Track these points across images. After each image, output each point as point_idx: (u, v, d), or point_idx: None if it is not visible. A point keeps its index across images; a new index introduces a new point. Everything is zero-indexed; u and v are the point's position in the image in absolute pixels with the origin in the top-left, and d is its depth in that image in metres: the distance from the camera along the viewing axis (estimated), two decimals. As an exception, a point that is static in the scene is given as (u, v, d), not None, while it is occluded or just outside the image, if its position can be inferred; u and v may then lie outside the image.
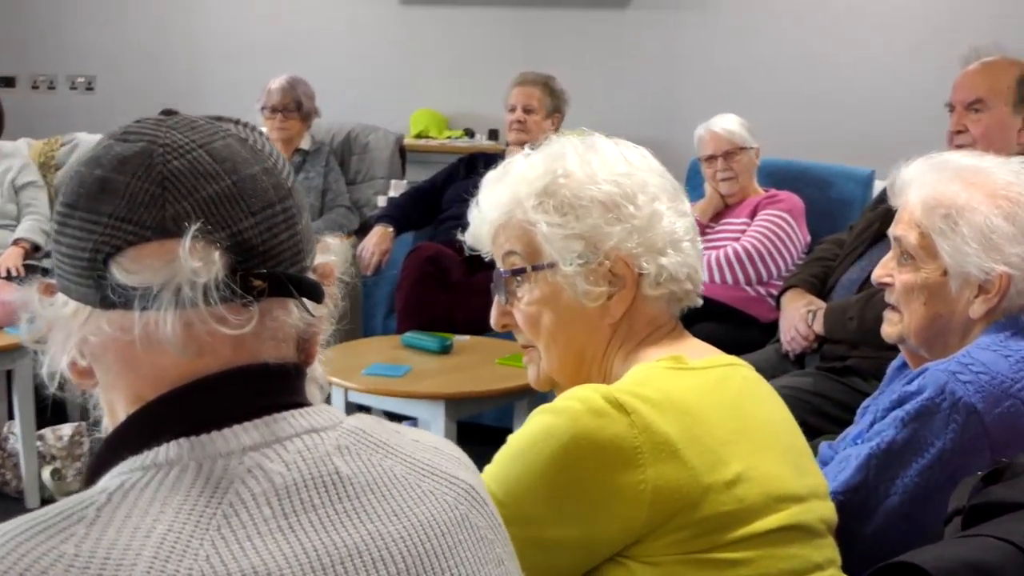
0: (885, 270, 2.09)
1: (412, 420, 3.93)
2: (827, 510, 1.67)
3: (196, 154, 1.02)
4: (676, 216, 1.69)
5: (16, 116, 5.80)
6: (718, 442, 1.51)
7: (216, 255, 0.99)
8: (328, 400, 3.96)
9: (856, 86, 5.73)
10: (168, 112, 1.09)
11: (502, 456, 1.53)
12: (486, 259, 1.80)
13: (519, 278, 1.71)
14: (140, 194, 1.00)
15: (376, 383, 3.77)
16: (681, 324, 1.74)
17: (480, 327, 4.28)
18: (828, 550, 1.64)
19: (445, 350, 4.10)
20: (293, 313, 1.06)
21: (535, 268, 1.68)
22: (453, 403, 3.73)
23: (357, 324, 5.25)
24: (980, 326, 1.97)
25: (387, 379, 3.80)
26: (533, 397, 3.92)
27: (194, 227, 0.99)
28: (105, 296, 1.00)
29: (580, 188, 1.65)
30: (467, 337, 4.26)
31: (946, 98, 3.68)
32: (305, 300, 1.06)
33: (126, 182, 1.01)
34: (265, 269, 1.03)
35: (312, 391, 1.12)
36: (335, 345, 4.28)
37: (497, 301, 1.77)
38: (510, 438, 1.55)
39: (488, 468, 1.53)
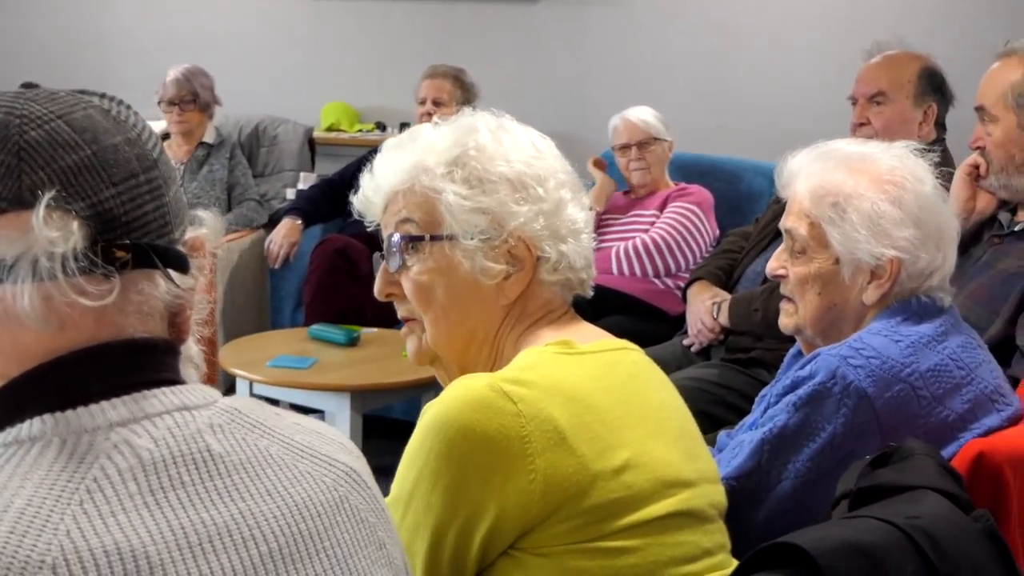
0: (779, 262, 2.11)
1: (319, 413, 3.90)
2: (717, 494, 1.67)
3: (54, 124, 1.00)
4: (578, 208, 1.68)
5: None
6: (607, 428, 1.50)
7: (74, 225, 0.97)
8: (232, 391, 3.93)
9: (762, 81, 5.78)
10: (29, 85, 1.06)
11: (402, 460, 1.51)
12: (368, 228, 1.76)
13: (413, 246, 1.66)
14: None
15: (282, 375, 3.75)
16: (573, 310, 1.73)
17: (389, 320, 4.25)
18: (718, 535, 1.63)
19: (352, 342, 4.08)
20: (160, 286, 1.04)
21: (433, 238, 1.64)
22: (359, 395, 3.71)
23: (265, 317, 5.20)
24: (873, 312, 1.99)
25: (293, 371, 3.78)
26: (441, 390, 3.90)
27: (48, 196, 0.96)
28: None
29: (491, 163, 1.63)
30: (375, 330, 4.23)
31: (847, 89, 3.72)
32: (172, 272, 1.04)
33: None
34: (128, 240, 1.00)
35: (188, 370, 1.10)
36: (241, 337, 4.30)
37: (384, 268, 1.71)
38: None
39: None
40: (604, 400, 1.52)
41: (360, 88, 6.37)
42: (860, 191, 1.96)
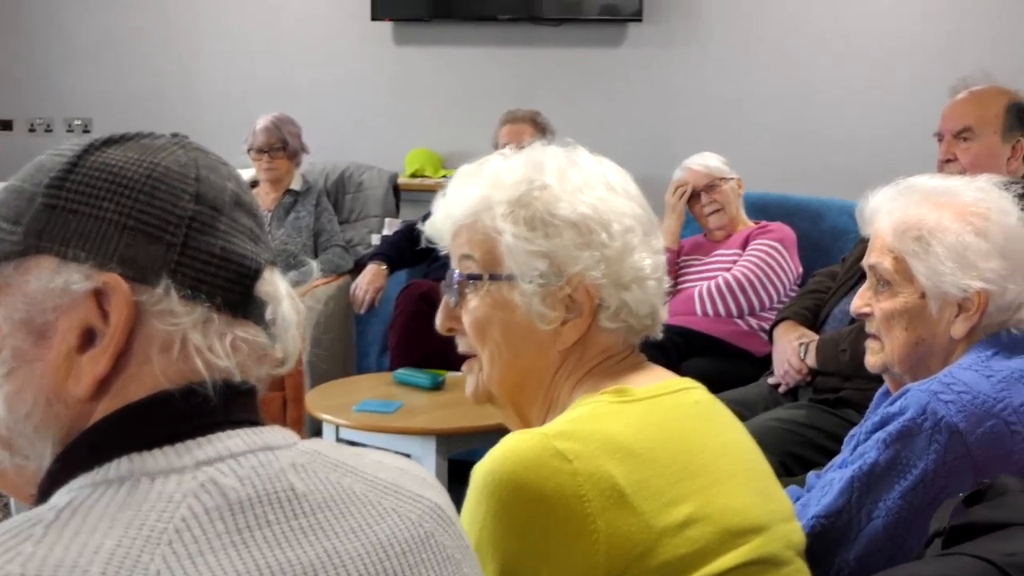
0: (863, 300, 2.08)
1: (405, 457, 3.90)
2: (794, 534, 1.61)
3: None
4: (648, 252, 1.61)
5: (13, 159, 5.78)
6: (668, 482, 1.43)
7: None
8: (319, 435, 3.96)
9: (844, 118, 5.75)
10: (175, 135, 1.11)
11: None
12: (441, 253, 1.72)
13: (472, 283, 1.62)
14: None
15: (367, 419, 3.76)
16: (638, 352, 1.66)
17: (474, 363, 4.27)
18: None
19: (437, 386, 4.09)
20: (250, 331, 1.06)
21: (492, 277, 1.59)
22: (444, 439, 3.71)
23: (351, 362, 5.24)
24: (962, 347, 1.96)
25: (378, 415, 3.79)
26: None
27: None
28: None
29: (555, 204, 1.57)
30: (460, 373, 4.22)
31: (931, 126, 3.68)
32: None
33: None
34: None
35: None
36: (327, 382, 4.33)
37: (445, 302, 1.69)
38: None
39: None
40: (663, 451, 1.46)
41: (443, 134, 6.43)
42: (944, 224, 1.93)
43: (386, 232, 5.60)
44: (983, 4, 5.56)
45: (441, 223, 1.68)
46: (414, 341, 4.72)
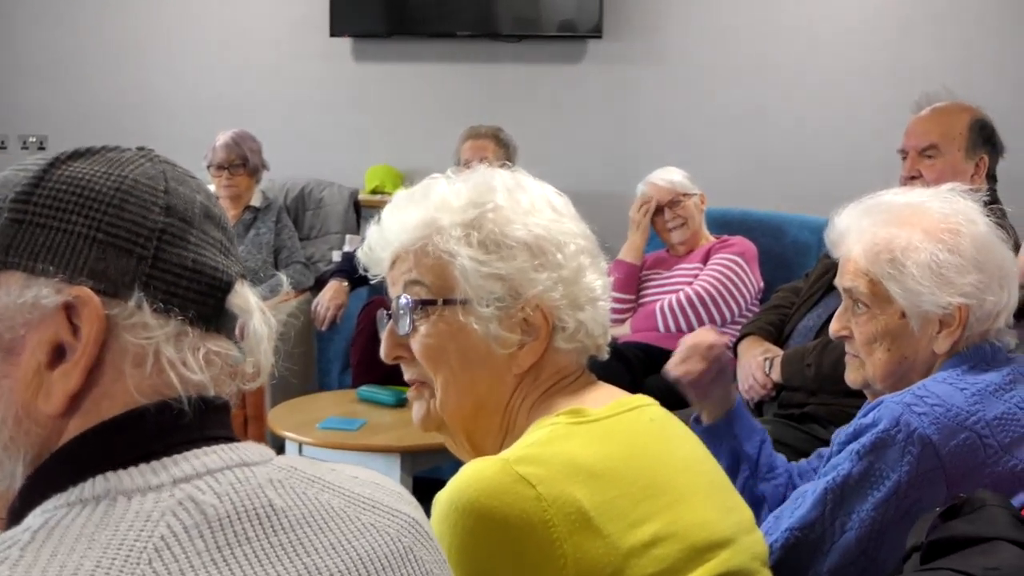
0: (840, 323, 2.07)
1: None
2: (757, 544, 1.60)
3: None
4: (597, 274, 1.60)
5: (-34, 175, 5.74)
6: (632, 502, 1.41)
7: None
8: (282, 454, 3.93)
9: (804, 135, 5.79)
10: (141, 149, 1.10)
11: None
12: (372, 281, 1.69)
13: (423, 309, 1.57)
14: None
15: (331, 437, 3.74)
16: (588, 372, 1.64)
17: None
18: None
19: (401, 403, 4.06)
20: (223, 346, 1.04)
21: (446, 302, 1.55)
22: (409, 456, 3.70)
23: (312, 379, 5.20)
24: (941, 361, 1.96)
25: (342, 432, 3.78)
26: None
27: None
28: None
29: (508, 226, 1.54)
30: (422, 391, 4.23)
31: (892, 142, 3.70)
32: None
33: None
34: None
35: None
36: (289, 400, 4.29)
37: (390, 331, 1.62)
38: None
39: None
40: (626, 470, 1.44)
41: (403, 150, 6.42)
42: (916, 243, 1.93)
43: (347, 248, 5.57)
44: (943, 22, 5.61)
45: (379, 250, 1.63)
46: (376, 358, 4.63)
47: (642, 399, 1.61)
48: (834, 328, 2.09)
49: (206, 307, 1.02)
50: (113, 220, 0.99)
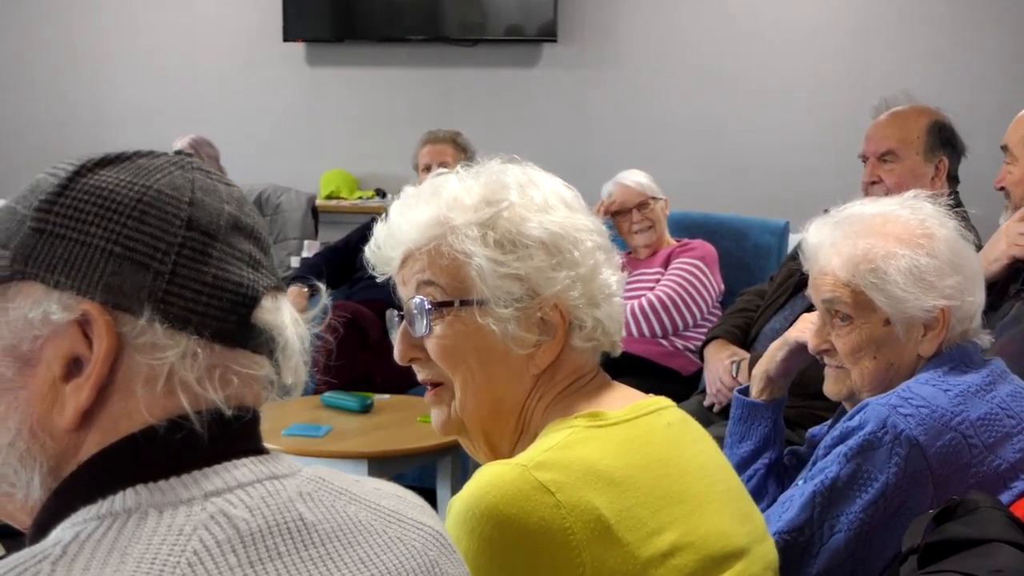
0: (820, 338, 2.07)
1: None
2: (770, 553, 1.60)
3: None
4: (611, 269, 1.58)
5: (-85, 182, 5.66)
6: (650, 510, 1.40)
7: None
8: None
9: (763, 138, 5.84)
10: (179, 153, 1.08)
11: None
12: (378, 280, 1.64)
13: (441, 310, 1.53)
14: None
15: (297, 444, 3.70)
16: (602, 371, 1.62)
17: (400, 386, 4.23)
18: None
19: (366, 409, 4.05)
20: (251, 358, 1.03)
21: (463, 303, 1.52)
22: (376, 462, 3.67)
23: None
24: (924, 363, 1.98)
25: (308, 439, 3.74)
26: (456, 455, 3.88)
27: None
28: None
29: (524, 224, 1.51)
30: (387, 396, 4.21)
31: (852, 144, 3.73)
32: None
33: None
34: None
35: None
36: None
37: (404, 332, 1.59)
38: None
39: None
40: (644, 477, 1.43)
41: (358, 156, 6.41)
42: (895, 251, 1.95)
43: (305, 254, 5.55)
44: (897, 27, 5.68)
45: (389, 249, 1.59)
46: (340, 363, 4.67)
47: (660, 401, 1.60)
48: (813, 344, 2.09)
49: (227, 323, 0.99)
50: (132, 233, 0.97)
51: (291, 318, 1.06)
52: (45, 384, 0.97)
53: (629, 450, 1.45)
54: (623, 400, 1.56)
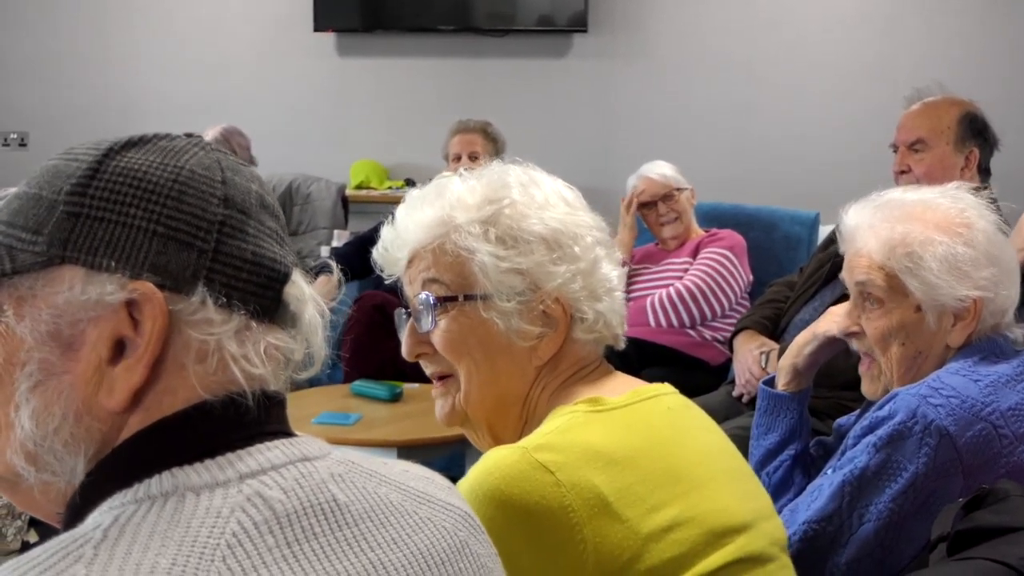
0: (850, 320, 2.07)
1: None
2: (777, 530, 1.62)
3: None
4: (612, 264, 1.64)
5: (-51, 172, 5.71)
6: (649, 488, 1.43)
7: None
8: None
9: (790, 129, 5.82)
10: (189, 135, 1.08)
11: None
12: (387, 281, 1.71)
13: (446, 306, 1.59)
14: None
15: (327, 432, 3.72)
16: (606, 362, 1.67)
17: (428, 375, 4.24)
18: (784, 572, 1.59)
19: (395, 398, 4.07)
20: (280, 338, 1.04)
21: (467, 298, 1.57)
22: (405, 450, 3.69)
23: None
24: (952, 354, 1.98)
25: (338, 427, 3.76)
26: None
27: None
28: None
29: (524, 220, 1.57)
30: (416, 385, 4.22)
31: (883, 136, 3.72)
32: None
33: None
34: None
35: None
36: (282, 395, 4.28)
37: (411, 329, 1.65)
38: None
39: None
40: (643, 458, 1.46)
41: (387, 145, 6.42)
42: (933, 237, 1.95)
43: (335, 244, 5.56)
44: (931, 16, 5.65)
45: (395, 250, 1.65)
46: (368, 353, 4.70)
47: (661, 388, 1.62)
48: (843, 325, 2.09)
49: (265, 299, 1.01)
50: (172, 213, 0.98)
51: (311, 294, 1.07)
52: (90, 367, 0.97)
53: (629, 432, 1.49)
54: (624, 387, 1.60)
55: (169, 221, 0.98)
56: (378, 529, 1.01)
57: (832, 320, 2.14)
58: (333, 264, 1.77)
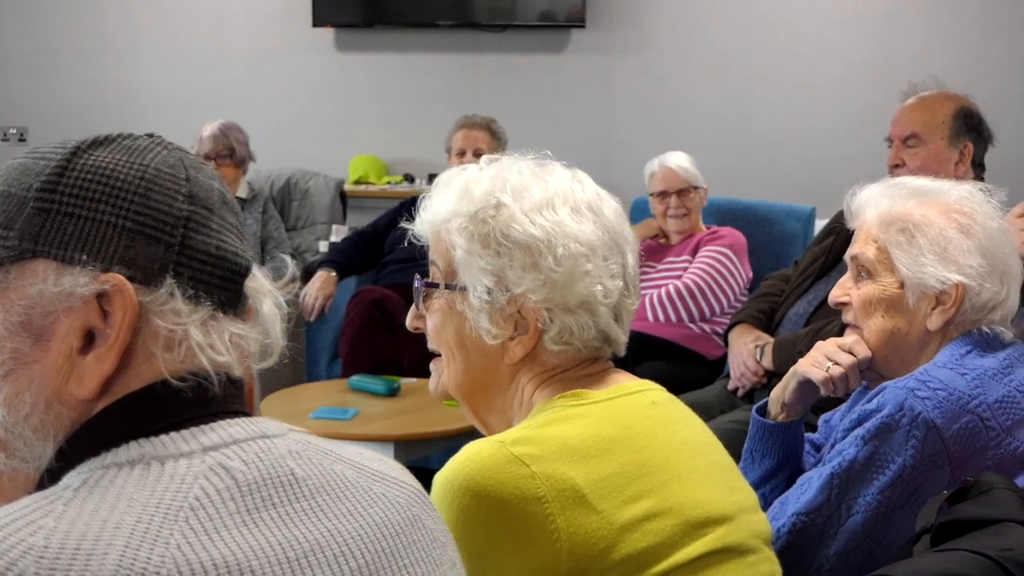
0: (842, 290, 2.12)
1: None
2: (760, 523, 1.63)
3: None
4: (603, 277, 1.60)
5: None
6: (626, 480, 1.46)
7: None
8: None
9: (790, 123, 5.82)
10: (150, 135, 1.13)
11: None
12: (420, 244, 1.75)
13: (430, 290, 1.68)
14: None
15: (324, 427, 3.74)
16: (603, 359, 1.67)
17: (426, 370, 4.23)
18: (765, 565, 1.60)
19: (393, 392, 4.09)
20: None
21: (448, 287, 1.64)
22: (402, 445, 3.71)
23: (300, 370, 5.21)
24: (936, 341, 2.00)
25: (335, 422, 3.78)
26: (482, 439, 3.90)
27: None
28: None
29: (507, 224, 1.58)
30: (414, 380, 4.24)
31: (879, 131, 3.74)
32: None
33: None
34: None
35: None
36: (280, 390, 4.30)
37: (415, 303, 1.73)
38: None
39: None
40: (621, 450, 1.49)
41: (386, 141, 6.44)
42: (930, 218, 1.99)
43: (334, 239, 5.58)
44: (930, 12, 5.65)
45: (420, 226, 1.72)
46: (366, 348, 4.71)
47: (646, 384, 1.65)
48: (834, 294, 2.14)
49: (228, 291, 1.08)
50: (140, 209, 1.03)
51: (269, 288, 1.14)
52: (61, 356, 1.02)
53: (607, 425, 1.52)
54: (610, 382, 1.63)
55: (137, 217, 1.03)
56: (334, 502, 1.06)
57: (811, 364, 2.12)
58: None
